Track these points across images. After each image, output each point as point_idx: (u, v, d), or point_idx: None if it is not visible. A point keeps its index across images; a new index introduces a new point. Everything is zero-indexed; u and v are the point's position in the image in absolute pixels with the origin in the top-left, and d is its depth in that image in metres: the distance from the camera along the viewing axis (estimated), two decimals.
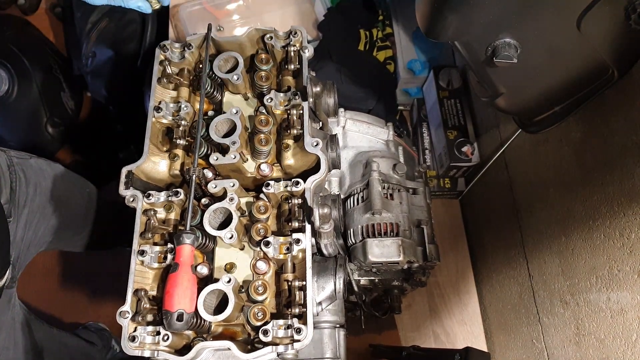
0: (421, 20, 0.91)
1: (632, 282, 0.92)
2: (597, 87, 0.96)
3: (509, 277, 1.50)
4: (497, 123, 1.54)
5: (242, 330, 0.85)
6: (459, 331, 1.72)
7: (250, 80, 1.01)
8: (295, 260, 0.85)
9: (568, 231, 1.14)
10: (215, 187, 0.87)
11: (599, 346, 1.04)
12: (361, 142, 1.17)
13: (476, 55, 0.92)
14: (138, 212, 0.87)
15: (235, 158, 0.86)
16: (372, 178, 1.00)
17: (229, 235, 0.82)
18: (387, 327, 1.75)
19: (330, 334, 0.96)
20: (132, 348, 0.78)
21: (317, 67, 1.79)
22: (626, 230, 0.93)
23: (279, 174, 0.94)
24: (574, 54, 0.91)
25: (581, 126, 1.07)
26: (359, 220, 1.00)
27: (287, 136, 0.92)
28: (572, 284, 1.14)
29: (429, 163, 1.86)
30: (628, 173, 0.92)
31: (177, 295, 0.74)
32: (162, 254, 0.85)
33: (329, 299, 0.93)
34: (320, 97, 0.99)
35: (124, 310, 0.79)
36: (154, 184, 0.95)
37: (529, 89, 1.02)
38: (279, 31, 1.00)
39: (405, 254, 0.96)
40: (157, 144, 0.94)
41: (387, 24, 1.94)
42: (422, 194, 1.11)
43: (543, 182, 1.26)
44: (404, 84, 1.92)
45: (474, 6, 0.80)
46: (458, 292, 1.78)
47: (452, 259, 1.81)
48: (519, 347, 1.44)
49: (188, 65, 1.01)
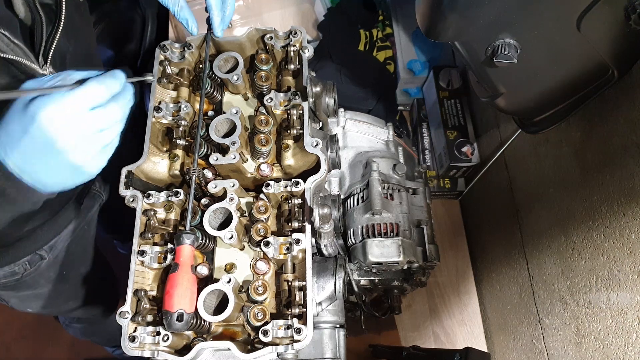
0: (421, 21, 0.91)
1: (632, 282, 0.92)
2: (597, 87, 0.96)
3: (509, 277, 1.50)
4: (497, 123, 1.54)
5: (242, 330, 0.85)
6: (459, 331, 1.72)
7: (250, 80, 1.01)
8: (295, 261, 0.85)
9: (568, 231, 1.14)
10: (215, 187, 0.87)
11: (599, 346, 1.04)
12: (361, 142, 1.17)
13: (476, 55, 0.92)
14: (138, 212, 0.87)
15: (235, 158, 0.86)
16: (372, 178, 1.00)
17: (229, 235, 0.82)
18: (387, 327, 1.75)
19: (330, 334, 0.96)
20: (132, 348, 0.78)
21: (317, 67, 1.79)
22: (626, 231, 0.93)
23: (279, 174, 0.94)
24: (574, 54, 0.91)
25: (581, 126, 1.07)
26: (359, 220, 1.00)
27: (287, 136, 0.92)
28: (572, 284, 1.14)
29: (429, 163, 1.86)
30: (628, 173, 0.92)
31: (177, 295, 0.74)
32: (162, 254, 0.85)
33: (329, 299, 0.93)
34: (320, 97, 0.99)
35: (124, 311, 0.79)
36: (153, 184, 0.95)
37: (529, 89, 1.02)
38: (279, 31, 1.00)
39: (405, 254, 0.96)
40: (157, 144, 0.94)
41: (387, 24, 1.94)
42: (422, 194, 1.11)
43: (543, 182, 1.26)
44: (404, 84, 1.92)
45: (474, 6, 0.80)
46: (458, 292, 1.78)
47: (452, 259, 1.81)
48: (518, 347, 1.44)
49: (188, 65, 1.01)
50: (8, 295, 1.06)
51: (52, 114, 0.60)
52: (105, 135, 0.66)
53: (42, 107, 0.60)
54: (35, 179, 0.64)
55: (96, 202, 1.08)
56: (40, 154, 0.62)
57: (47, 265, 1.01)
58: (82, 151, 0.64)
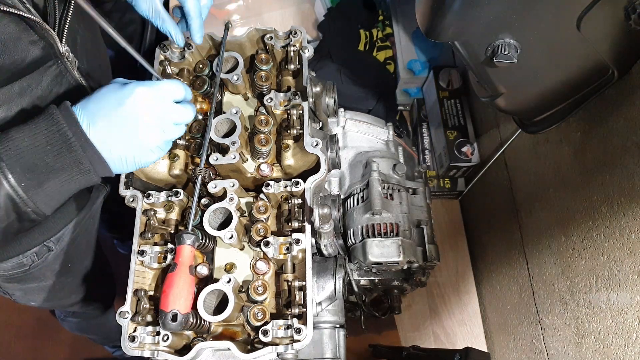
0: (421, 21, 0.91)
1: (632, 282, 0.92)
2: (597, 87, 0.96)
3: (509, 277, 1.50)
4: (497, 123, 1.54)
5: (242, 330, 0.85)
6: (459, 331, 1.72)
7: (250, 80, 1.01)
8: (295, 261, 0.85)
9: (568, 231, 1.14)
10: (215, 187, 0.87)
11: (599, 346, 1.04)
12: (361, 142, 1.17)
13: (476, 55, 0.92)
14: (138, 212, 0.87)
15: (235, 158, 0.86)
16: (372, 178, 1.00)
17: (229, 235, 0.82)
18: (387, 327, 1.75)
19: (330, 334, 0.96)
20: (132, 348, 0.78)
21: (317, 67, 1.79)
22: (626, 230, 0.93)
23: (279, 174, 0.94)
24: (574, 54, 0.91)
25: (581, 126, 1.07)
26: (359, 220, 1.00)
27: (287, 136, 0.92)
28: (572, 284, 1.14)
29: (429, 163, 1.86)
30: (628, 173, 0.92)
31: (172, 295, 0.74)
32: (162, 254, 0.85)
33: (329, 299, 0.93)
34: (320, 97, 0.99)
35: (124, 311, 0.79)
36: (153, 184, 0.95)
37: (529, 89, 1.02)
38: (279, 31, 1.00)
39: (405, 254, 0.96)
40: None
41: (387, 24, 1.94)
42: (422, 194, 1.11)
43: (543, 182, 1.26)
44: (404, 84, 1.92)
45: (473, 6, 0.80)
46: (458, 292, 1.78)
47: (452, 259, 1.81)
48: (518, 347, 1.44)
49: (188, 65, 1.01)
50: (13, 288, 1.07)
51: (147, 94, 0.70)
52: (174, 130, 0.75)
53: (139, 86, 0.71)
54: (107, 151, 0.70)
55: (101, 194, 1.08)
56: (123, 126, 0.70)
57: (54, 257, 1.02)
58: (154, 136, 0.73)
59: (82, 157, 0.68)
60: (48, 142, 0.66)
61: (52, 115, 0.67)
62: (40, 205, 0.69)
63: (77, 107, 0.70)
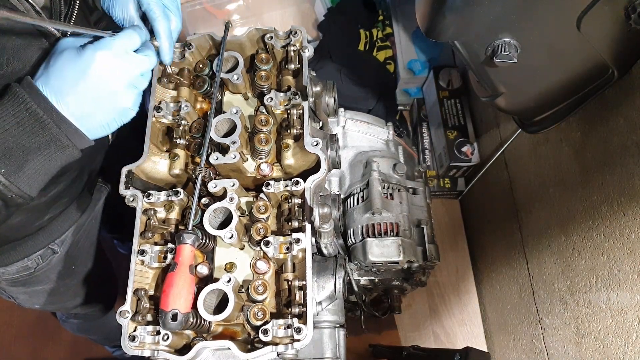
0: (421, 20, 0.91)
1: (632, 282, 0.92)
2: (597, 87, 0.96)
3: (509, 277, 1.50)
4: (497, 123, 1.54)
5: (242, 330, 0.85)
6: (459, 331, 1.72)
7: (250, 80, 1.01)
8: (295, 260, 0.85)
9: (568, 231, 1.14)
10: (216, 187, 0.87)
11: (599, 346, 1.04)
12: (361, 142, 1.17)
13: (476, 55, 0.92)
14: (138, 212, 0.87)
15: (236, 158, 0.86)
16: (372, 178, 1.00)
17: (229, 235, 0.82)
18: (387, 327, 1.75)
19: (330, 333, 0.96)
20: (132, 348, 0.78)
21: (317, 67, 1.79)
22: (626, 230, 0.93)
23: (279, 174, 0.94)
24: (574, 54, 0.91)
25: (581, 126, 1.07)
26: (359, 220, 1.00)
27: (287, 136, 0.92)
28: (572, 283, 1.14)
29: (429, 163, 1.86)
30: (628, 173, 0.92)
31: (172, 295, 0.74)
32: (162, 253, 0.85)
33: (329, 299, 0.93)
34: (320, 97, 0.99)
35: (124, 310, 0.79)
36: (154, 183, 0.95)
37: (529, 88, 1.02)
38: (279, 31, 1.00)
39: (405, 254, 0.96)
40: (157, 144, 0.94)
41: (387, 24, 1.94)
42: (422, 194, 1.11)
43: (543, 182, 1.26)
44: (404, 84, 1.92)
45: (474, 6, 0.80)
46: (458, 292, 1.78)
47: (452, 259, 1.82)
48: (518, 347, 1.45)
49: (188, 65, 1.00)
50: (18, 292, 1.07)
51: (107, 58, 0.67)
52: (143, 81, 0.74)
53: (97, 51, 0.67)
54: (86, 123, 0.69)
55: (102, 195, 1.09)
56: (95, 96, 0.68)
57: (58, 260, 1.02)
58: (129, 95, 0.71)
59: (57, 134, 0.66)
60: (19, 123, 0.64)
61: (16, 94, 0.64)
62: (24, 188, 0.67)
63: (39, 83, 0.66)
